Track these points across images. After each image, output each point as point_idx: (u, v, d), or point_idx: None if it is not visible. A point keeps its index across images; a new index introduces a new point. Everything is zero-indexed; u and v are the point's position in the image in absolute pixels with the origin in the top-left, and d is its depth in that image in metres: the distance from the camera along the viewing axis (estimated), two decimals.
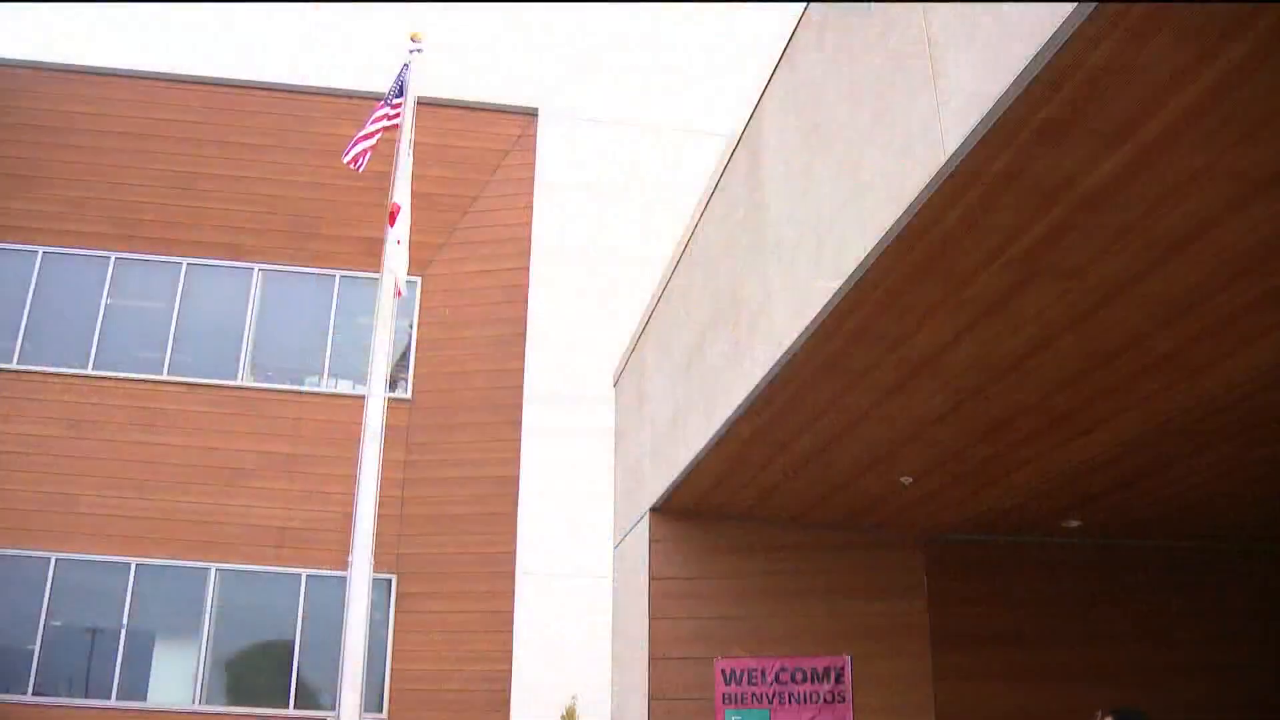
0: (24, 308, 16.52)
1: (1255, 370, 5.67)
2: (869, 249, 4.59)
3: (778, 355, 5.79)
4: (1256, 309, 4.99)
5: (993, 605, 8.93)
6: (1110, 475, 7.57)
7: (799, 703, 8.25)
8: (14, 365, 16.28)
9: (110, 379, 16.54)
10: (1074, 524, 8.83)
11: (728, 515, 8.88)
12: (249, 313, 17.06)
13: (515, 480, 16.35)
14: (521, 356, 16.82)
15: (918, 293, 4.99)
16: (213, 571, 15.95)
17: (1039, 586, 9.13)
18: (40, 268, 16.70)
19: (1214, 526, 9.28)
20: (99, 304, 16.77)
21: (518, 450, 16.50)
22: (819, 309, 5.18)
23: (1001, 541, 9.15)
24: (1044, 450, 7.05)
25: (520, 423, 16.61)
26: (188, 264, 17.02)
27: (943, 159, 3.94)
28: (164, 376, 16.69)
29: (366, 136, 8.60)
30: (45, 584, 15.68)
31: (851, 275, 4.80)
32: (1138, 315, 5.09)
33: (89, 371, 16.54)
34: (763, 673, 8.31)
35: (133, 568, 15.82)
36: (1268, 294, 4.85)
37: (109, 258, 16.92)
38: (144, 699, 15.56)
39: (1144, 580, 9.43)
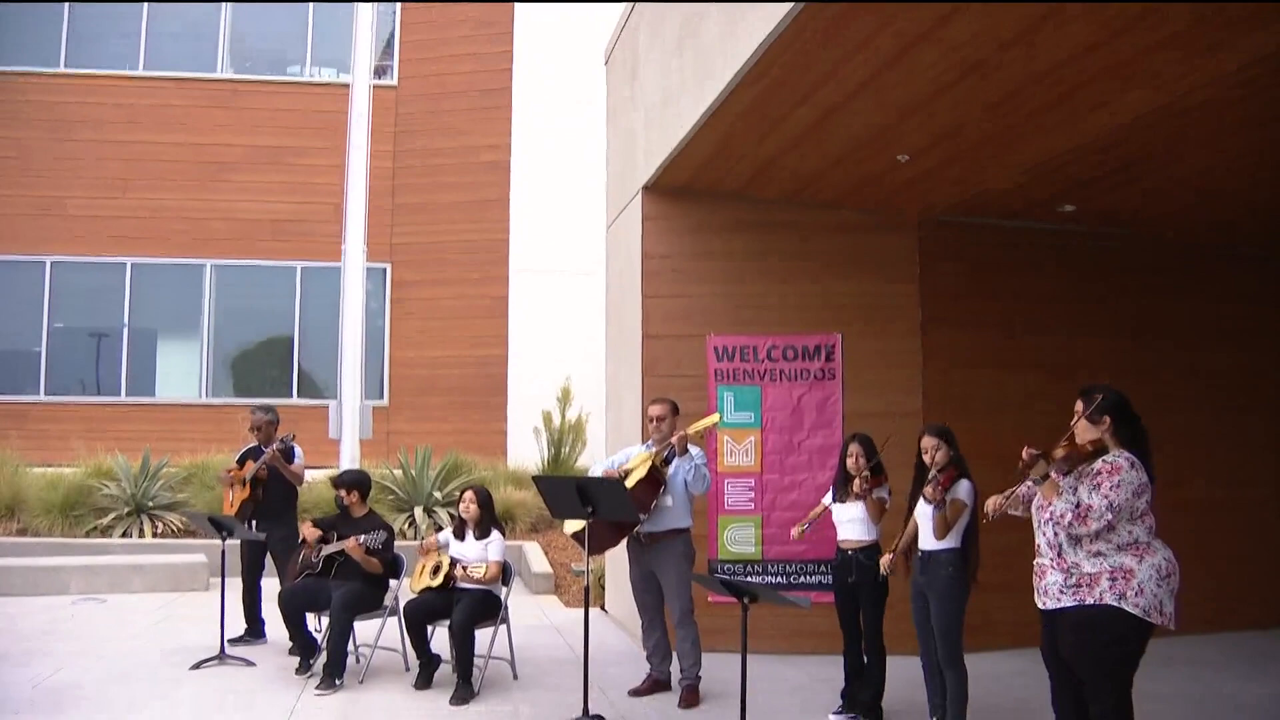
0: None
1: (1272, 55, 5.45)
2: None
3: (772, 25, 5.58)
4: None
5: (983, 291, 9.00)
6: (1112, 158, 7.46)
7: (790, 379, 8.45)
8: None
9: (85, 76, 16.10)
10: (1069, 209, 8.78)
11: (721, 192, 8.80)
12: None
13: (507, 166, 16.19)
14: (510, 39, 16.28)
15: None
16: (208, 267, 16.06)
17: (1030, 275, 9.18)
18: None
19: (1209, 224, 9.24)
20: None
21: (508, 134, 16.25)
22: None
23: (996, 225, 9.13)
24: (1046, 128, 6.90)
25: (510, 106, 16.28)
26: None
27: None
28: (140, 71, 16.24)
29: None
30: (44, 288, 15.83)
31: None
32: None
33: (61, 69, 16.07)
34: (754, 349, 8.46)
35: (129, 267, 15.92)
36: None
37: None
38: (152, 394, 16.01)
39: (1134, 277, 9.50)
